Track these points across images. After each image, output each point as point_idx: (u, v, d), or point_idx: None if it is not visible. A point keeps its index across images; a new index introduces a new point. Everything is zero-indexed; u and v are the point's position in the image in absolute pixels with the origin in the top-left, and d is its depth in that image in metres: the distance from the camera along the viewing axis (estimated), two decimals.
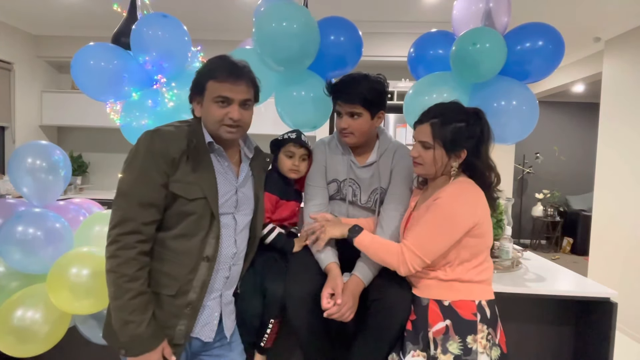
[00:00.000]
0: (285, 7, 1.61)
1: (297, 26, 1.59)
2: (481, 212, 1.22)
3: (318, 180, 1.52)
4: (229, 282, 1.26)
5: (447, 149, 1.25)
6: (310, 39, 1.65)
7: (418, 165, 1.31)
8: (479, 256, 1.25)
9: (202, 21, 3.93)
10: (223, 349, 1.28)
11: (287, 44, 1.60)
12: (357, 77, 1.42)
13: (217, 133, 1.17)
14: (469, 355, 1.17)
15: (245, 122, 1.20)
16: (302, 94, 1.77)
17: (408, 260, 1.20)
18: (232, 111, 1.14)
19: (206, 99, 1.16)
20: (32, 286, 1.46)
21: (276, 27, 1.59)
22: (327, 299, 1.26)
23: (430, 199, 1.26)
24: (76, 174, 4.51)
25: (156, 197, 1.09)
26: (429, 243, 1.20)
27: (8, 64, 4.09)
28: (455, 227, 1.19)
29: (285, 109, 1.85)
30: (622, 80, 3.50)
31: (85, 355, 1.74)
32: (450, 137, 1.23)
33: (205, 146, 1.17)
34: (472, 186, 1.25)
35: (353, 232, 1.32)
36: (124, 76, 1.80)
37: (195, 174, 1.13)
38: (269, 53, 1.66)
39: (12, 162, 1.50)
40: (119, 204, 1.08)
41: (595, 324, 1.58)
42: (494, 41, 1.59)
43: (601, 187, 3.70)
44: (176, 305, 1.13)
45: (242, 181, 1.27)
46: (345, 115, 1.41)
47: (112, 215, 1.08)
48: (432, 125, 1.25)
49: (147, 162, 1.08)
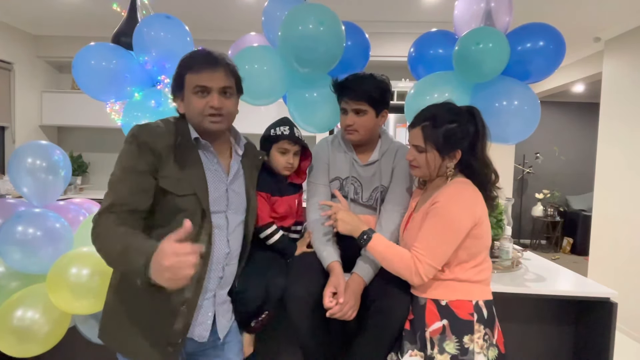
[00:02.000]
0: (316, 9, 1.60)
1: (325, 29, 1.57)
2: (480, 212, 1.22)
3: (321, 178, 1.53)
4: (223, 282, 1.25)
5: (440, 151, 1.25)
6: (338, 42, 1.64)
7: (415, 168, 1.33)
8: (477, 257, 1.24)
9: (202, 21, 3.92)
10: (218, 349, 1.28)
11: (315, 47, 1.59)
12: (363, 75, 1.44)
13: (201, 125, 1.15)
14: (465, 355, 1.17)
15: (228, 112, 1.16)
16: (314, 95, 1.76)
17: (422, 272, 1.19)
18: (211, 99, 1.12)
19: (186, 93, 1.15)
20: (32, 286, 1.46)
21: (304, 29, 1.57)
22: (329, 298, 1.26)
23: (429, 202, 1.26)
24: (76, 174, 4.51)
25: (143, 184, 1.08)
26: (438, 250, 1.20)
27: (8, 64, 4.09)
28: (457, 230, 1.19)
29: (299, 109, 1.84)
30: (622, 80, 3.50)
31: (85, 355, 1.73)
32: (442, 139, 1.24)
33: (191, 142, 1.16)
34: (469, 186, 1.25)
35: (367, 235, 1.29)
36: (125, 76, 1.80)
37: (184, 171, 1.12)
38: (294, 54, 1.64)
39: (12, 162, 1.50)
40: (106, 194, 1.09)
41: (595, 324, 1.58)
42: (497, 41, 1.58)
43: (601, 187, 3.70)
44: (172, 303, 1.12)
45: (232, 178, 1.25)
46: (351, 112, 1.43)
47: (100, 205, 1.09)
48: (423, 129, 1.26)
49: (132, 153, 1.09)
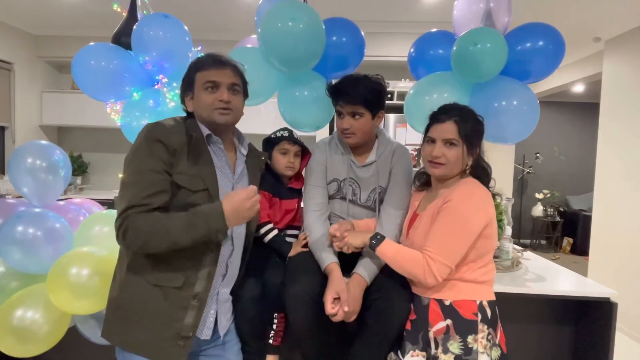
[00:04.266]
0: (292, 7, 1.60)
1: (303, 26, 1.58)
2: (491, 211, 1.22)
3: (318, 180, 1.52)
4: (226, 280, 1.26)
5: (469, 146, 1.26)
6: (317, 40, 1.64)
7: (439, 166, 1.27)
8: (484, 257, 1.24)
9: (202, 21, 3.93)
10: (218, 348, 1.28)
11: (293, 44, 1.59)
12: (357, 78, 1.43)
13: (210, 119, 1.19)
14: (469, 355, 1.17)
15: (235, 107, 1.22)
16: (305, 94, 1.77)
17: (435, 271, 1.17)
18: (220, 94, 1.18)
19: (196, 90, 1.21)
20: (32, 286, 1.46)
21: (282, 27, 1.58)
22: (331, 305, 1.25)
23: (438, 199, 1.26)
24: (76, 174, 4.51)
25: (162, 184, 1.09)
26: (452, 249, 1.19)
27: (8, 64, 4.09)
28: (471, 229, 1.19)
29: (289, 109, 1.85)
30: (622, 80, 3.50)
31: (85, 355, 1.74)
32: (470, 135, 1.25)
33: (204, 139, 1.19)
34: (480, 185, 1.26)
35: (375, 241, 1.28)
36: (124, 76, 1.80)
37: (197, 167, 1.15)
38: (274, 53, 1.65)
39: (12, 162, 1.50)
40: (123, 194, 1.09)
41: (595, 324, 1.58)
42: (495, 41, 1.58)
43: (601, 187, 3.70)
44: (183, 297, 1.13)
45: (238, 177, 1.28)
46: (347, 115, 1.42)
47: (117, 208, 1.09)
48: (456, 123, 1.25)
49: (148, 152, 1.09)
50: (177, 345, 1.13)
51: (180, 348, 1.13)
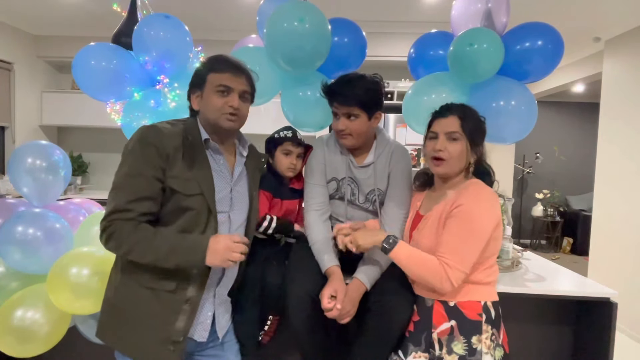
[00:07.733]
0: (300, 7, 1.60)
1: (310, 26, 1.57)
2: (499, 212, 1.22)
3: (318, 179, 1.50)
4: (223, 282, 1.26)
5: (471, 143, 1.24)
6: (323, 40, 1.63)
7: (441, 162, 1.25)
8: (490, 258, 1.24)
9: (202, 21, 3.93)
10: (217, 349, 1.28)
11: (299, 44, 1.59)
12: (353, 78, 1.39)
13: (216, 122, 1.19)
14: (473, 356, 1.17)
15: (242, 114, 1.23)
16: (309, 95, 1.76)
17: (452, 278, 1.15)
18: (232, 99, 1.18)
19: (206, 91, 1.20)
20: (32, 286, 1.46)
21: (289, 26, 1.57)
22: (327, 299, 1.25)
23: (445, 202, 1.24)
24: (76, 174, 4.51)
25: (150, 189, 1.09)
26: (467, 255, 1.17)
27: (8, 64, 4.09)
28: (484, 233, 1.18)
29: (292, 109, 1.85)
30: (622, 80, 3.50)
31: (85, 355, 1.74)
32: (473, 131, 1.24)
33: (201, 143, 1.19)
34: (487, 187, 1.26)
35: (388, 245, 1.22)
36: (125, 76, 1.80)
37: (192, 171, 1.14)
38: (280, 52, 1.65)
39: (12, 162, 1.50)
40: (112, 196, 1.09)
41: (595, 324, 1.58)
42: (491, 42, 1.58)
43: (601, 187, 3.70)
44: (175, 300, 1.13)
45: (236, 179, 1.28)
46: (343, 116, 1.39)
47: (106, 208, 1.10)
48: (459, 118, 1.24)
49: (140, 156, 1.09)
50: (167, 349, 1.13)
51: (171, 352, 1.13)
